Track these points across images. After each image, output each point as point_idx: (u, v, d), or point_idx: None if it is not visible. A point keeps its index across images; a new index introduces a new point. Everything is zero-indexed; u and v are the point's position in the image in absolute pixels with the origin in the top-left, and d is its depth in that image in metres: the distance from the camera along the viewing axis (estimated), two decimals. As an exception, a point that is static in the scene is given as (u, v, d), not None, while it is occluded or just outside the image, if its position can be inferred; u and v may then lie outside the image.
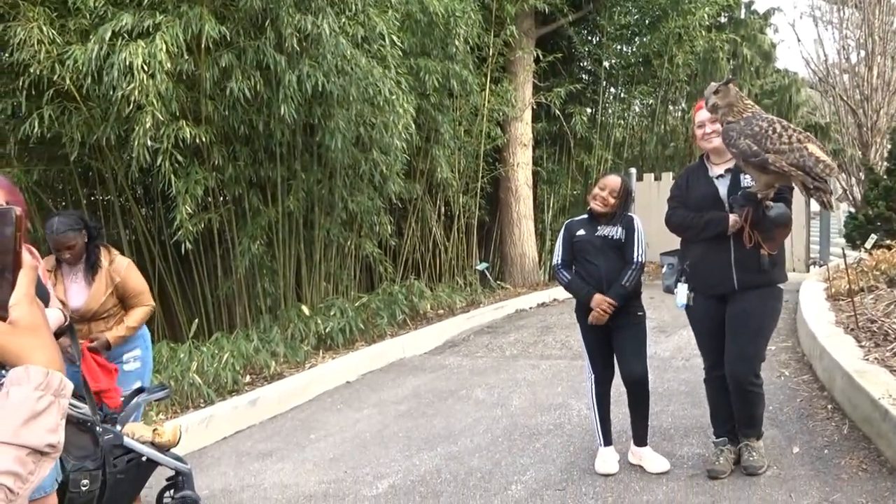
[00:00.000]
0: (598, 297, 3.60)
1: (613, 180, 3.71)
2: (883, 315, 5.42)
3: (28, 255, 0.95)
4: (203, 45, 5.77)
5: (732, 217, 3.34)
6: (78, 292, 3.46)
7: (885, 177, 10.53)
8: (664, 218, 3.65)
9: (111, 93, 5.44)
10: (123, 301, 3.55)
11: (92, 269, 3.43)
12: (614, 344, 3.71)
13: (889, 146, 11.13)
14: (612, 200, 3.66)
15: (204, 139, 5.98)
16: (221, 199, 7.00)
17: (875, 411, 3.64)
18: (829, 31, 13.89)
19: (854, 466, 3.45)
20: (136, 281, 3.56)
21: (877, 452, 3.57)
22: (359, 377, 6.22)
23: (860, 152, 17.02)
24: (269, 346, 6.21)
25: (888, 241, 8.39)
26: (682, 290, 3.58)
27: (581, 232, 3.74)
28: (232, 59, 5.96)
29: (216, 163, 6.36)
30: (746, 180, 3.33)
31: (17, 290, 0.92)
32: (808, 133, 3.14)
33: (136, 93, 5.32)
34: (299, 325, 6.67)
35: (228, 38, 5.90)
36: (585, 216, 3.80)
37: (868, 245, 8.15)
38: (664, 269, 3.81)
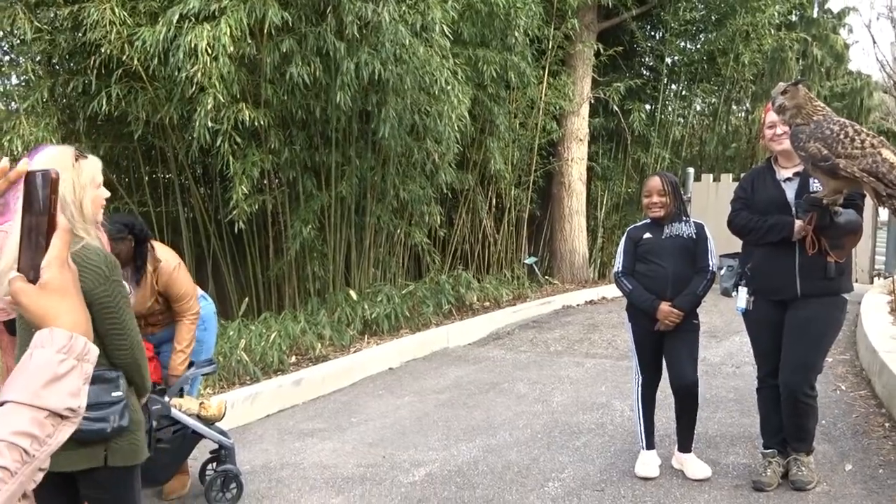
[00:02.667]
0: (664, 309, 3.52)
1: (654, 182, 3.67)
2: (950, 332, 5.18)
3: (63, 219, 0.94)
4: (265, 30, 5.86)
5: (798, 223, 3.23)
6: None
7: (960, 187, 10.04)
8: (727, 219, 3.55)
9: (176, 74, 5.58)
10: (169, 304, 3.44)
11: (138, 273, 3.30)
12: (666, 348, 3.64)
13: (966, 156, 10.57)
14: (663, 199, 3.61)
15: (262, 122, 6.09)
16: (276, 181, 7.11)
17: (935, 432, 3.48)
18: (908, 32, 13.25)
19: (909, 487, 3.31)
20: (179, 286, 3.39)
21: (935, 475, 3.42)
22: (402, 364, 6.26)
23: (934, 161, 16.27)
24: (316, 328, 6.29)
25: (960, 255, 8.00)
26: (742, 294, 3.49)
27: (647, 235, 3.68)
28: (293, 44, 6.03)
29: (273, 146, 6.46)
30: (815, 184, 3.21)
31: (49, 251, 0.90)
32: (882, 138, 3.00)
33: (200, 75, 5.45)
34: (346, 310, 6.74)
35: (290, 24, 5.97)
36: (648, 221, 3.74)
37: (938, 258, 7.79)
38: (723, 272, 3.71)
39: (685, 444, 3.67)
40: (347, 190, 7.07)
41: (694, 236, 3.62)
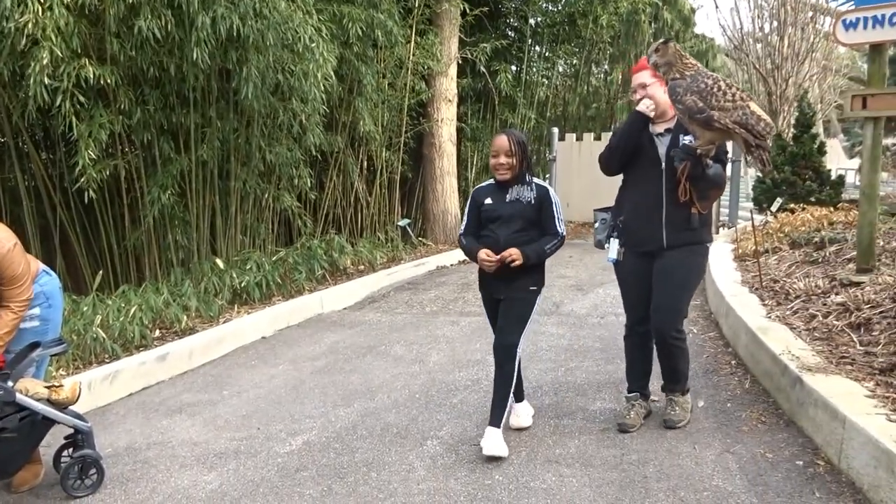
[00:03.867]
0: (482, 256, 3.40)
1: (501, 141, 3.43)
2: (785, 275, 5.69)
3: None
4: (107, -22, 5.36)
5: (644, 104, 3.41)
6: None
7: (791, 143, 11.00)
8: (597, 158, 3.65)
9: (3, 24, 5.00)
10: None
11: None
12: (500, 310, 3.53)
13: (796, 114, 11.61)
14: (510, 161, 3.41)
15: (109, 80, 5.60)
16: (129, 145, 6.61)
17: (775, 366, 3.82)
18: (746, -1, 14.26)
19: (754, 419, 3.63)
20: (13, 268, 3.04)
21: (775, 405, 3.76)
22: (275, 333, 6.09)
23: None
24: (181, 299, 5.97)
25: (792, 205, 8.80)
26: (614, 246, 3.62)
27: (489, 201, 3.50)
28: (140, -6, 5.57)
29: (123, 106, 5.98)
30: (686, 141, 3.35)
31: None
32: (749, 92, 3.18)
33: (31, 25, 4.92)
34: (213, 279, 6.44)
35: (136, -29, 5.50)
36: (493, 183, 3.54)
37: (774, 208, 8.53)
38: (597, 224, 3.82)
39: (494, 418, 3.38)
40: (209, 153, 6.70)
41: (533, 201, 3.43)
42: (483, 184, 3.64)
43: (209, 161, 6.76)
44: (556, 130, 12.45)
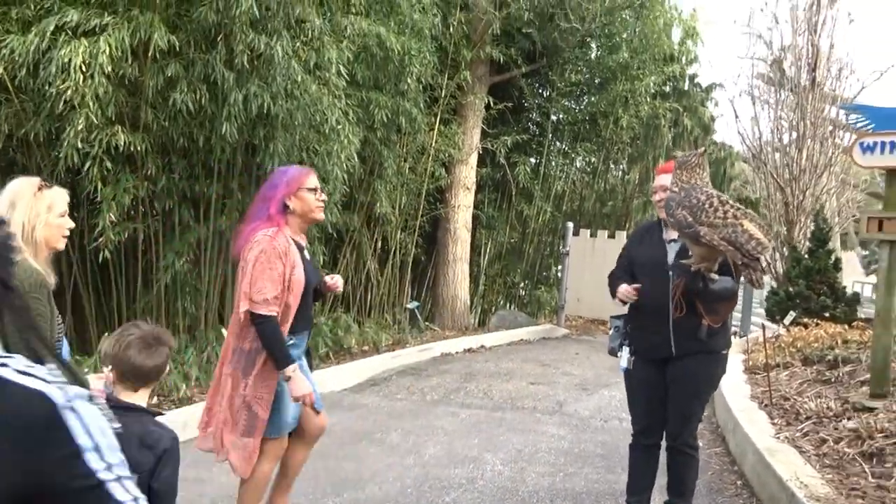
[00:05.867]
0: None
1: None
2: (796, 393, 5.57)
3: None
4: (150, 52, 5.60)
5: (622, 288, 3.40)
6: None
7: (806, 256, 10.99)
8: (607, 277, 3.66)
9: (46, 88, 5.21)
10: None
11: None
12: None
13: (812, 226, 11.65)
14: None
15: (139, 147, 5.76)
16: (150, 210, 6.73)
17: (782, 492, 3.69)
18: (766, 110, 14.64)
19: (757, 546, 3.48)
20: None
21: (780, 533, 3.61)
22: (273, 409, 5.99)
23: (785, 229, 17.80)
24: (183, 367, 5.93)
25: (805, 319, 8.71)
26: (625, 354, 3.57)
27: None
28: (179, 69, 5.80)
29: (149, 172, 6.12)
30: None
31: None
32: (750, 211, 3.16)
33: (71, 92, 5.11)
34: (217, 348, 6.40)
35: (178, 48, 5.74)
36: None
37: (787, 321, 8.44)
38: (611, 332, 3.79)
39: None
40: (227, 223, 6.79)
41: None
42: None
43: (227, 231, 6.84)
44: (570, 225, 12.55)
